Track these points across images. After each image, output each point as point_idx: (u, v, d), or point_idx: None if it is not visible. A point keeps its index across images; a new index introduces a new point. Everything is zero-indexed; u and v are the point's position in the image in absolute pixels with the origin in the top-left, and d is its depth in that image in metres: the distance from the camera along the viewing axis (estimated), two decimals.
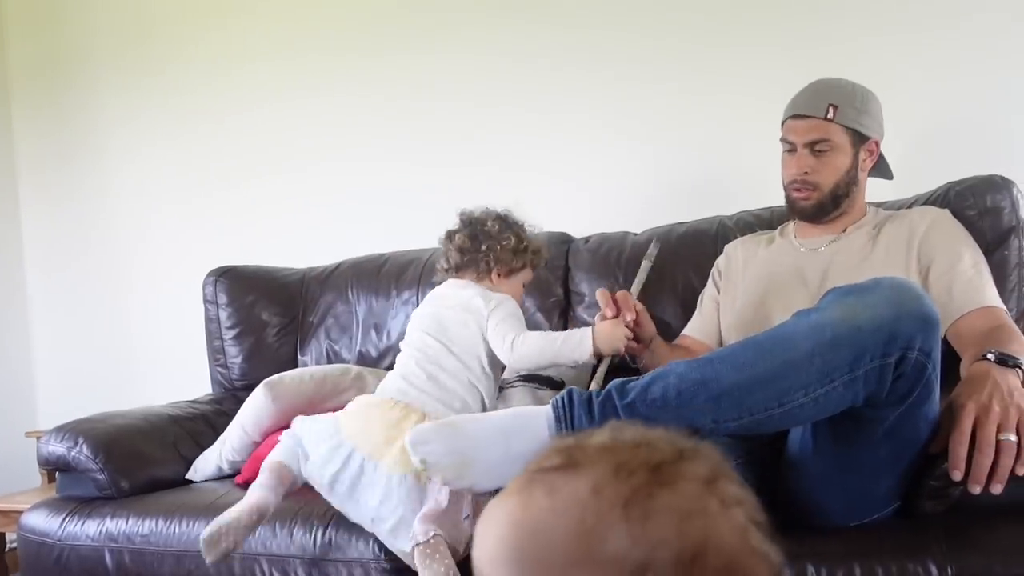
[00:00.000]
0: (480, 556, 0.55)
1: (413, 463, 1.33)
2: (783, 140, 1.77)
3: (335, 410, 2.09)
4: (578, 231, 2.26)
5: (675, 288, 2.07)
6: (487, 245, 1.77)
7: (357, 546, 1.58)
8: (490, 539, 0.54)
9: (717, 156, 2.36)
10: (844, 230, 1.78)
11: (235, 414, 2.15)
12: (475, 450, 1.28)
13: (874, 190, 1.84)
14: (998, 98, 2.13)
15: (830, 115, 1.70)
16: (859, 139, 1.73)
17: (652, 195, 2.41)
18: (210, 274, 2.52)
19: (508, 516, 0.54)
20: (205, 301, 2.51)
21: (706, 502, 0.53)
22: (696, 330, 1.89)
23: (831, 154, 1.72)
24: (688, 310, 1.97)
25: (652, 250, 1.82)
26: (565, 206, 2.38)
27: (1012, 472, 1.20)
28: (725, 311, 1.86)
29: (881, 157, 1.80)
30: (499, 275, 1.78)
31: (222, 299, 2.49)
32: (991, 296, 1.62)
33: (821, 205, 1.75)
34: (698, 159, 2.38)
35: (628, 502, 0.51)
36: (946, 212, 1.75)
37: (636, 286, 1.76)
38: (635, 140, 2.44)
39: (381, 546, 1.55)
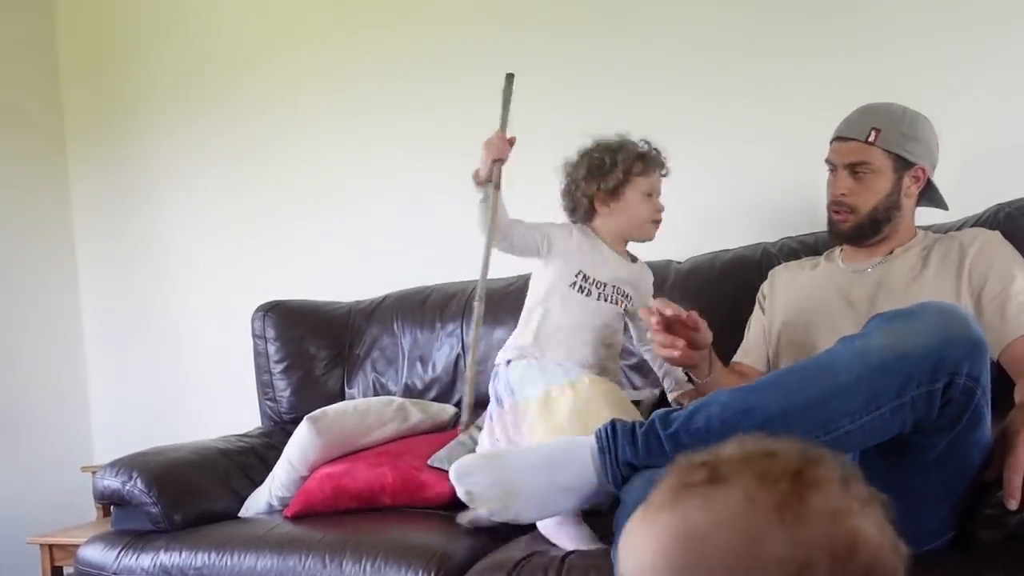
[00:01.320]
0: (634, 570, 0.59)
1: (459, 494, 1.33)
2: (827, 161, 1.77)
3: (379, 443, 2.11)
4: None
5: (721, 316, 2.04)
6: (572, 187, 1.84)
7: (406, 575, 1.60)
8: (647, 553, 0.58)
9: (762, 182, 2.34)
10: (891, 252, 1.76)
11: (284, 447, 2.18)
12: (520, 481, 1.29)
13: (923, 213, 1.82)
14: None
15: (871, 138, 1.69)
16: (903, 164, 1.71)
17: (695, 222, 2.40)
18: (258, 309, 2.56)
19: (667, 530, 0.58)
20: (254, 336, 2.55)
21: (849, 502, 0.57)
22: (746, 354, 1.87)
23: (870, 177, 1.70)
24: (734, 337, 1.95)
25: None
26: None
27: None
28: (772, 335, 1.84)
29: (931, 185, 1.77)
30: (604, 204, 1.81)
31: (270, 333, 2.54)
32: None
33: (859, 228, 1.74)
34: (742, 185, 2.37)
35: (780, 507, 0.56)
36: (996, 234, 1.72)
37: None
38: (678, 167, 2.43)
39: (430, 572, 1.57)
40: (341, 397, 2.45)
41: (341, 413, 2.15)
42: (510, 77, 1.83)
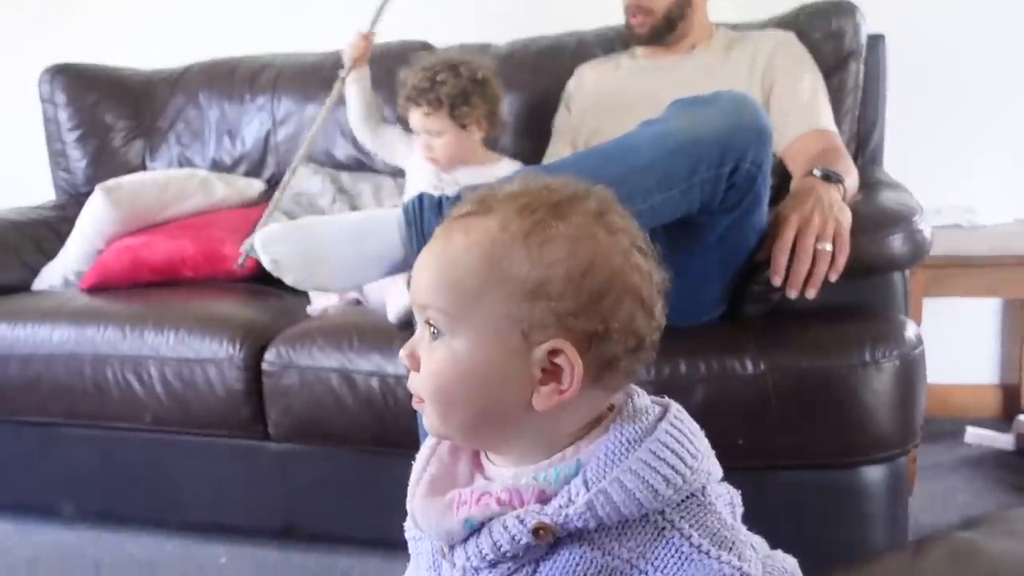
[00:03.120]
0: (416, 288, 0.68)
1: (264, 264, 1.32)
2: None
3: (180, 217, 2.05)
4: (438, 40, 2.20)
5: (533, 102, 2.06)
6: None
7: (211, 346, 1.60)
8: (423, 272, 0.68)
9: None
10: (692, 48, 1.82)
11: None
12: (326, 251, 1.28)
13: (728, 13, 1.86)
14: None
15: None
16: None
17: (515, 4, 2.36)
18: (46, 71, 2.36)
19: (435, 254, 0.68)
20: (42, 100, 2.36)
21: (595, 230, 0.65)
22: (556, 157, 1.91)
23: None
24: (543, 125, 1.98)
25: None
26: (424, 13, 2.31)
27: (826, 279, 1.31)
28: (580, 135, 1.88)
29: None
30: None
31: (60, 98, 2.35)
32: (825, 120, 1.71)
33: (655, 29, 1.80)
34: None
35: (528, 233, 0.64)
36: (791, 35, 1.81)
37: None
38: None
39: (236, 345, 1.58)
40: (143, 170, 2.33)
41: (139, 184, 2.05)
42: None
